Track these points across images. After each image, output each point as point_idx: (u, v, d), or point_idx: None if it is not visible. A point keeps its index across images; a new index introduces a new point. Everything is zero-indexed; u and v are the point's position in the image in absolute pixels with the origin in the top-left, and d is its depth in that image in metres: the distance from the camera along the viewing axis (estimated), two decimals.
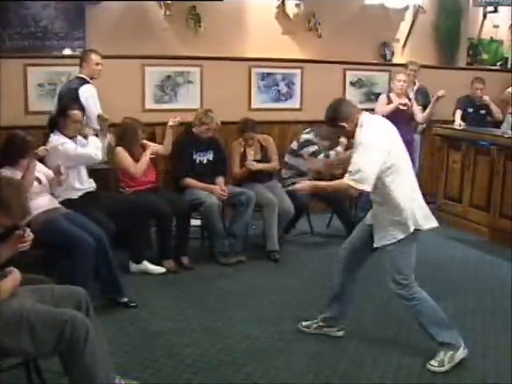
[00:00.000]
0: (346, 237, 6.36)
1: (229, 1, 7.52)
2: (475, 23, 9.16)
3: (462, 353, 3.92)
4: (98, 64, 5.90)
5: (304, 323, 4.41)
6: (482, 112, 7.92)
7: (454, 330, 3.97)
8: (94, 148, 5.22)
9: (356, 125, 3.87)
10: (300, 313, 4.69)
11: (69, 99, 5.66)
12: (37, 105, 6.48)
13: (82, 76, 5.86)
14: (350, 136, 3.94)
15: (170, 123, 6.00)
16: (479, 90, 7.80)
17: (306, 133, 6.65)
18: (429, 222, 4.02)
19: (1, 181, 3.24)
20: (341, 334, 4.33)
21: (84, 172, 5.31)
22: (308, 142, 6.53)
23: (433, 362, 3.90)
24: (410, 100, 7.14)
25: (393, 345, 4.20)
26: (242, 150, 6.33)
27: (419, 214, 3.93)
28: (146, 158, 5.75)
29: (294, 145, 6.64)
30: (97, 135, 5.50)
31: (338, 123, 3.92)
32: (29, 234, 3.20)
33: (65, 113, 5.17)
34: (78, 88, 5.78)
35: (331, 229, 6.99)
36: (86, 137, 5.27)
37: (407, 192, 3.87)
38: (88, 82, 5.83)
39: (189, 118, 6.11)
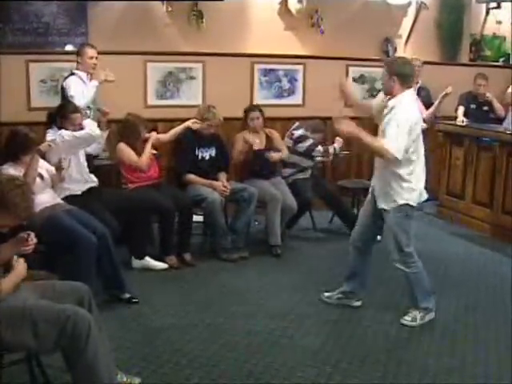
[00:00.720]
0: (348, 233, 6.40)
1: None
2: (478, 19, 9.13)
3: (431, 315, 4.51)
4: (92, 58, 5.89)
5: (326, 294, 4.83)
6: (485, 108, 7.92)
7: (433, 297, 4.54)
8: (89, 128, 5.18)
9: (397, 89, 4.26)
10: (302, 309, 4.70)
11: (63, 99, 5.71)
12: (39, 101, 6.49)
13: (74, 71, 5.86)
14: (387, 91, 4.39)
15: (189, 124, 5.96)
16: (482, 86, 7.79)
17: (296, 128, 6.63)
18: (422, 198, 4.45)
19: (6, 181, 3.25)
20: (359, 303, 4.73)
21: (84, 164, 5.31)
22: (302, 137, 6.52)
23: (406, 317, 4.46)
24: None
25: (394, 342, 4.20)
26: (246, 138, 6.31)
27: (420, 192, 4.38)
28: (148, 148, 5.74)
29: (288, 142, 6.60)
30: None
31: (392, 73, 4.28)
32: (32, 239, 3.20)
33: (65, 115, 5.16)
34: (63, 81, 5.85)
35: (333, 225, 6.98)
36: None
37: (419, 171, 4.33)
38: (73, 74, 5.84)
39: (191, 114, 6.10)
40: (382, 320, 4.53)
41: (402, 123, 4.10)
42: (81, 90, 5.72)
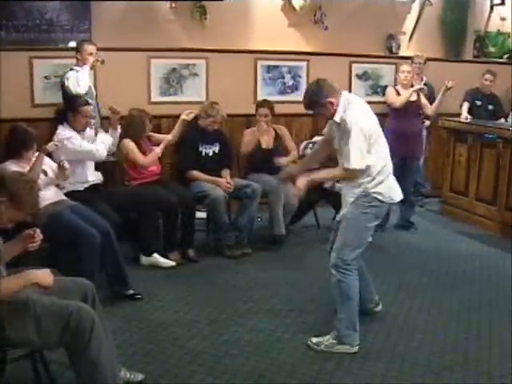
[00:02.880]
0: None
1: None
2: (482, 16, 9.09)
3: (343, 348, 3.97)
4: (91, 54, 5.92)
5: None
6: (490, 107, 7.92)
7: (355, 333, 4.00)
8: (99, 145, 5.24)
9: (335, 105, 3.89)
10: (305, 306, 4.70)
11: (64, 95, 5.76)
12: (42, 97, 6.49)
13: (73, 67, 5.88)
14: (329, 117, 3.98)
15: (184, 117, 5.98)
16: (490, 82, 7.80)
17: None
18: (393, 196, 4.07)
19: (14, 175, 3.28)
20: (379, 308, 4.53)
21: (91, 164, 5.32)
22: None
23: (313, 339, 4.04)
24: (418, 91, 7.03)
25: (397, 340, 4.20)
26: (255, 136, 6.32)
27: (385, 188, 3.98)
28: (159, 150, 5.76)
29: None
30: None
31: (321, 101, 3.90)
32: (38, 235, 3.22)
33: (76, 108, 5.17)
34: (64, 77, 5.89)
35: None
36: (95, 131, 5.28)
37: (380, 165, 3.94)
38: (72, 70, 5.86)
39: (194, 110, 6.10)
40: (384, 318, 4.53)
41: (355, 132, 3.79)
42: (75, 79, 5.75)
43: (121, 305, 4.62)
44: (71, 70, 5.85)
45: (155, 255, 5.50)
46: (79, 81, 5.72)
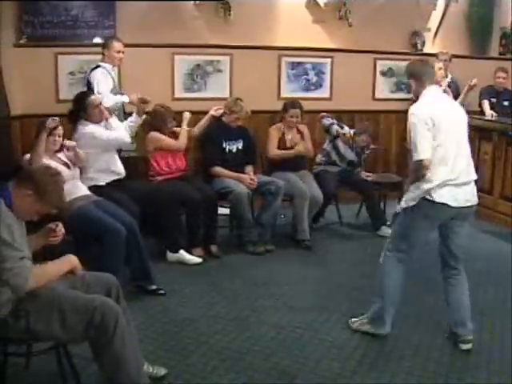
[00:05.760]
0: (373, 229, 6.35)
1: None
2: (508, 12, 8.99)
3: (370, 329, 4.15)
4: (118, 52, 5.95)
5: None
6: (505, 103, 7.85)
7: (388, 323, 4.11)
8: (123, 132, 5.26)
9: (415, 91, 4.03)
10: (328, 302, 4.69)
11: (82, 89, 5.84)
12: (67, 93, 6.52)
13: (100, 63, 5.91)
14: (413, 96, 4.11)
15: (213, 113, 6.00)
16: (502, 78, 7.74)
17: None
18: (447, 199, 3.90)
19: (40, 169, 3.31)
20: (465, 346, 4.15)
21: (115, 156, 5.35)
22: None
23: (352, 319, 4.26)
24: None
25: (421, 339, 4.18)
26: (280, 134, 6.33)
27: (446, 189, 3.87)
28: (184, 129, 5.83)
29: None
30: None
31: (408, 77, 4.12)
32: (60, 229, 3.26)
33: (84, 102, 5.19)
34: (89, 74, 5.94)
35: (360, 219, 6.95)
36: (106, 119, 5.29)
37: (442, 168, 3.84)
38: (99, 67, 5.90)
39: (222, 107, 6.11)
40: (408, 316, 4.50)
41: (416, 126, 3.77)
42: (108, 89, 5.78)
43: (144, 300, 4.64)
44: (98, 66, 5.88)
45: (181, 252, 5.50)
46: (99, 85, 5.74)
